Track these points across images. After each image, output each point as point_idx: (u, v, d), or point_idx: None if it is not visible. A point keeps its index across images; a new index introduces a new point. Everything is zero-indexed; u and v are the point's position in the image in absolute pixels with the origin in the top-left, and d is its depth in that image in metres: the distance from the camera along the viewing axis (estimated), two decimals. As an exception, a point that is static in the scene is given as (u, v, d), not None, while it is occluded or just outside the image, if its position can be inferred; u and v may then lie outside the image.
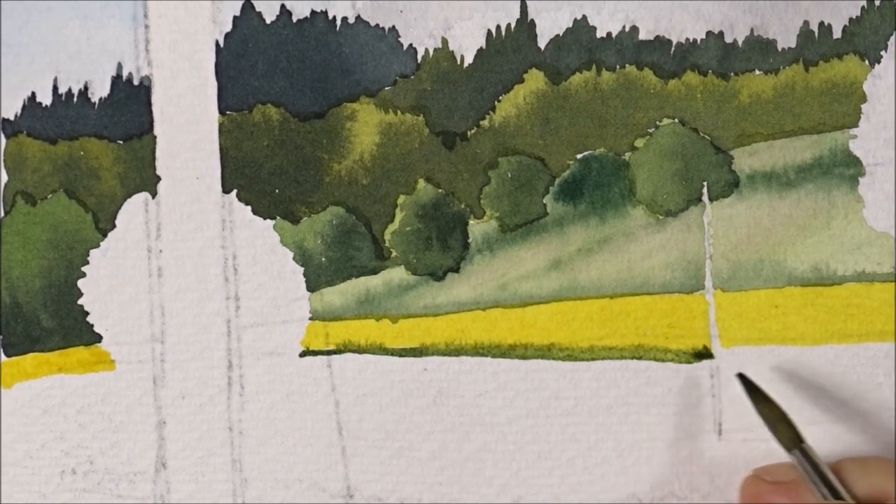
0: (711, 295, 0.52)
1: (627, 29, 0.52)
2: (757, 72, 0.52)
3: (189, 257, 0.53)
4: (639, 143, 0.52)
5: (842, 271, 0.51)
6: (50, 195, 0.54)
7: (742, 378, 0.50)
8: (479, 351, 0.52)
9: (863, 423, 0.51)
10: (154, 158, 0.53)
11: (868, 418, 0.51)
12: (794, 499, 0.47)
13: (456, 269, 0.53)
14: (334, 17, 0.53)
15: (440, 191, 0.53)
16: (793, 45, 0.52)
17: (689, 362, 0.52)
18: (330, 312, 0.53)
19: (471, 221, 0.53)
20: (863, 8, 0.51)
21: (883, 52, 0.51)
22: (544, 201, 0.52)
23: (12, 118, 0.54)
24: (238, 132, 0.53)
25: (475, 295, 0.53)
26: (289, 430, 0.53)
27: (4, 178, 0.54)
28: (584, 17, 0.52)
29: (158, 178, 0.53)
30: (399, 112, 0.53)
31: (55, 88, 0.54)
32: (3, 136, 0.54)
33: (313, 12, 0.53)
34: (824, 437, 0.51)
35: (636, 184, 0.52)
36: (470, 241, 0.53)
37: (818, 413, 0.51)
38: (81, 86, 0.53)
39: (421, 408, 0.52)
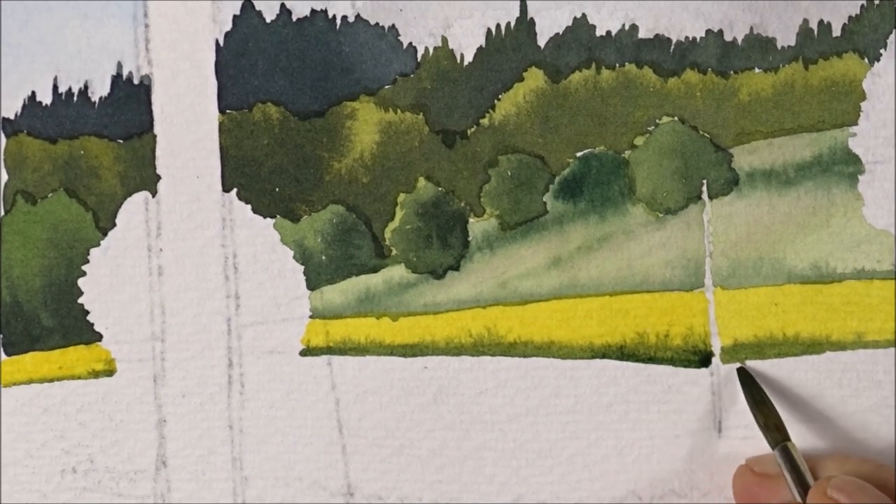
0: (711, 293, 0.52)
1: (627, 27, 0.52)
2: (756, 70, 0.52)
3: (189, 256, 0.53)
4: (638, 141, 0.52)
5: (841, 269, 0.51)
6: (50, 194, 0.54)
7: (740, 370, 0.51)
8: (479, 349, 0.52)
9: (862, 420, 0.51)
10: (154, 157, 0.53)
11: (868, 415, 0.51)
12: (775, 492, 0.48)
13: (456, 268, 0.53)
14: (334, 16, 0.53)
15: (440, 189, 0.53)
16: (792, 43, 0.52)
17: (689, 360, 0.52)
18: (330, 311, 0.53)
19: (471, 219, 0.53)
20: (862, 6, 0.51)
21: (882, 51, 0.51)
22: (544, 199, 0.52)
23: (12, 117, 0.54)
24: (238, 131, 0.53)
25: (475, 293, 0.53)
26: (289, 428, 0.53)
27: (5, 177, 0.54)
28: (584, 15, 0.52)
29: (158, 177, 0.53)
30: (399, 111, 0.53)
31: (55, 88, 0.54)
32: (3, 135, 0.54)
33: (313, 11, 0.53)
34: (824, 433, 0.51)
35: (636, 182, 0.52)
36: (470, 239, 0.53)
37: (817, 410, 0.51)
38: (81, 85, 0.54)
39: (421, 406, 0.52)
